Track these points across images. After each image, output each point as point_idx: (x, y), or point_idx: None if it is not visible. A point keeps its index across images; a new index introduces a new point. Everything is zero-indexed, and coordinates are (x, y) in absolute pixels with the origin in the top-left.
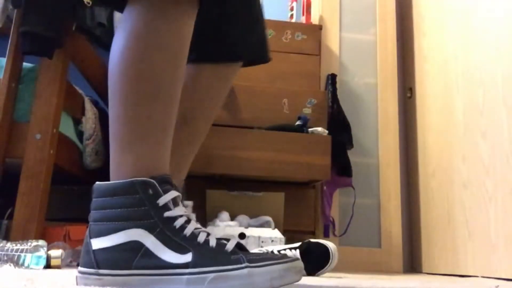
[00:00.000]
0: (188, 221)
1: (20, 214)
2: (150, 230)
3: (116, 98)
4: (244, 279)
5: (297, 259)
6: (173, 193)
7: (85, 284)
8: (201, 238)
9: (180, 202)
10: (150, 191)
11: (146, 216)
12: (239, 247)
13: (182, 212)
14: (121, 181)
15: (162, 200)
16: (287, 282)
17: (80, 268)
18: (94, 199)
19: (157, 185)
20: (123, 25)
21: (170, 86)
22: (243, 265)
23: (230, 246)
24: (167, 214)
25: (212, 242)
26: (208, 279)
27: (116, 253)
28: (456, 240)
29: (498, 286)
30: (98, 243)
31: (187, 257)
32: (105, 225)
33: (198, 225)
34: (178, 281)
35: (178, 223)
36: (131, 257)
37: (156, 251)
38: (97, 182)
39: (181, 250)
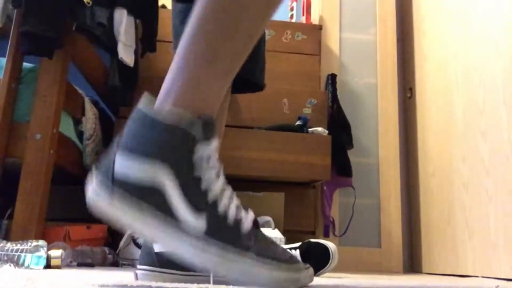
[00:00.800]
0: (217, 174)
1: (20, 214)
2: (177, 170)
3: (200, 13)
4: (247, 273)
5: (307, 267)
6: (215, 145)
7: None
8: (223, 207)
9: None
10: (194, 132)
11: (177, 156)
12: (256, 224)
13: (215, 166)
14: (163, 112)
15: (201, 150)
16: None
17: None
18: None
19: (201, 129)
20: None
21: (254, 23)
22: (247, 255)
23: (245, 229)
24: (198, 163)
25: (231, 217)
26: (211, 252)
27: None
28: (456, 240)
29: (498, 286)
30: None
31: (201, 220)
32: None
33: (225, 182)
34: (183, 241)
35: (206, 176)
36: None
37: (172, 195)
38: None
39: (197, 208)
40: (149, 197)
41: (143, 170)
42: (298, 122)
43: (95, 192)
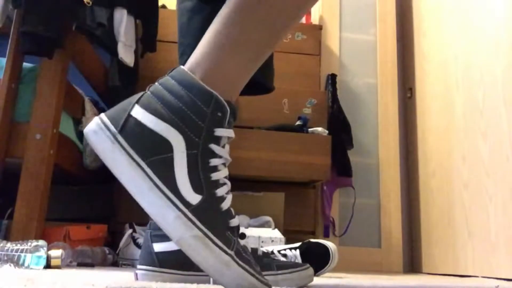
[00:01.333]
0: (224, 164)
1: (20, 214)
2: (189, 144)
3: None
4: (218, 264)
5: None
6: (231, 132)
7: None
8: (220, 192)
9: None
10: (219, 114)
11: (195, 130)
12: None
13: (224, 152)
14: (198, 82)
15: (219, 132)
16: None
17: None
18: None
19: (227, 113)
20: None
21: (285, 17)
22: (229, 251)
23: (233, 223)
24: (212, 146)
25: (225, 206)
26: (194, 233)
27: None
28: (456, 240)
29: (498, 286)
30: (134, 111)
31: (196, 198)
32: (153, 104)
33: (227, 177)
34: (169, 212)
35: (214, 162)
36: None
37: (176, 166)
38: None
39: (196, 185)
40: (155, 155)
41: (160, 128)
42: (298, 122)
43: (95, 131)
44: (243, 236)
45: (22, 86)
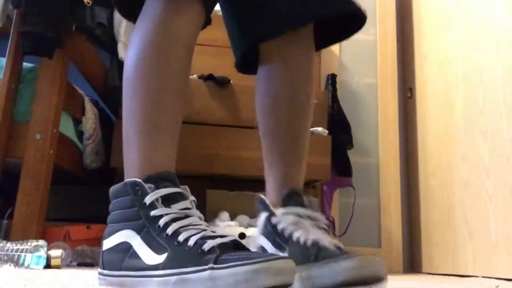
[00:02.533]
0: (175, 219)
1: (20, 214)
2: (138, 231)
3: (123, 96)
4: (205, 283)
5: (279, 257)
6: (162, 191)
7: (100, 284)
8: (183, 237)
9: (180, 199)
10: (139, 192)
11: (135, 217)
12: (237, 246)
13: (171, 210)
14: (118, 184)
15: (148, 199)
16: (259, 285)
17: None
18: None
19: (143, 184)
20: None
21: (161, 81)
22: (206, 266)
23: (208, 245)
24: (152, 213)
25: (192, 241)
26: (171, 282)
27: (113, 254)
28: (456, 240)
29: (498, 286)
30: (104, 245)
31: (161, 258)
32: (109, 227)
33: (195, 222)
34: (149, 283)
35: (162, 221)
36: (121, 258)
37: (139, 252)
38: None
39: (159, 250)
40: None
41: (117, 241)
42: None
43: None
44: (243, 236)
45: (22, 86)
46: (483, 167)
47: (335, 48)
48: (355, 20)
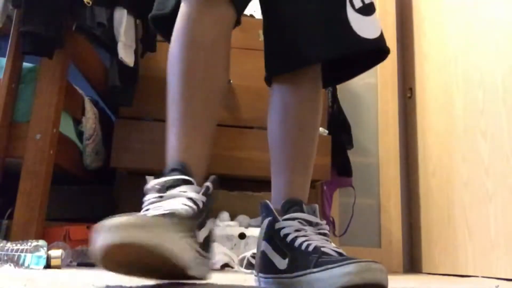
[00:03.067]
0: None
1: (20, 214)
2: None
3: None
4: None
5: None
6: (160, 179)
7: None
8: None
9: (168, 187)
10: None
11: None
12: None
13: (152, 197)
14: None
15: (148, 185)
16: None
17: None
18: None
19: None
20: None
21: (182, 86)
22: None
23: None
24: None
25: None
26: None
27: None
28: (456, 240)
29: (498, 286)
30: None
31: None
32: None
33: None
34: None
35: (146, 202)
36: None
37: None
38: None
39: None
40: None
41: None
42: None
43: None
44: (243, 236)
45: (22, 86)
46: (483, 167)
47: None
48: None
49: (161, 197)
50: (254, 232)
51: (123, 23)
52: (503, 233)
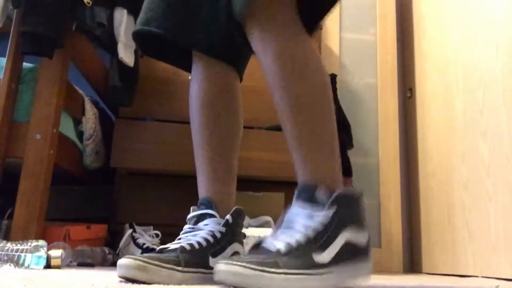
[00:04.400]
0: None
1: (20, 214)
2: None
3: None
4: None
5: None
6: (193, 213)
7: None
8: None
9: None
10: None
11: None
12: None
13: (187, 227)
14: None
15: (189, 215)
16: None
17: None
18: None
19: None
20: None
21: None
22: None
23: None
24: None
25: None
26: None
27: None
28: (456, 240)
29: (498, 286)
30: None
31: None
32: None
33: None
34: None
35: None
36: None
37: None
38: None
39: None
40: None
41: None
42: None
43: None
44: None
45: (22, 86)
46: (483, 167)
47: (335, 48)
48: None
49: (193, 228)
50: (254, 232)
51: (123, 23)
52: (503, 233)
